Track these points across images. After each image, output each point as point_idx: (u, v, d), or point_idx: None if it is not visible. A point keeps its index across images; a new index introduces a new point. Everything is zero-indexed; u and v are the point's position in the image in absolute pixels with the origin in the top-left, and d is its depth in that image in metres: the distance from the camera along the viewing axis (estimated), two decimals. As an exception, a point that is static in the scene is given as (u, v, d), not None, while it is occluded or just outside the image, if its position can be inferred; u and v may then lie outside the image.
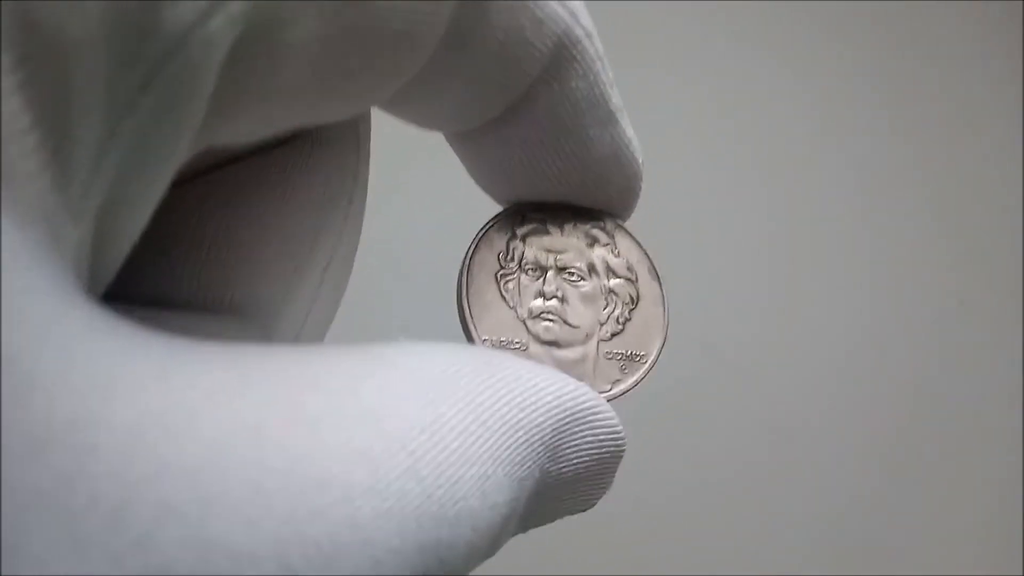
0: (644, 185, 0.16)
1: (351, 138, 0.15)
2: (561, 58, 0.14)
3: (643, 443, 0.50)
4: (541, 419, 0.13)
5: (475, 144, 0.15)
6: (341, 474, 0.10)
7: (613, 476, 0.15)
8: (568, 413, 0.13)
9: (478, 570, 0.13)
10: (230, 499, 0.09)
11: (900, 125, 0.60)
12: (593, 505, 0.15)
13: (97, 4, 0.09)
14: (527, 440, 0.12)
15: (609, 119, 0.15)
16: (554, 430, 0.13)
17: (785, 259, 0.56)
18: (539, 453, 0.13)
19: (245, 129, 0.12)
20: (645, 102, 0.55)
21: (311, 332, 0.15)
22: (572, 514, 0.15)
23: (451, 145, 0.16)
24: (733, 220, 0.56)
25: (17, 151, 0.08)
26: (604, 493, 0.15)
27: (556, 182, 0.16)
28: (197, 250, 0.14)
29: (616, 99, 0.15)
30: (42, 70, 0.08)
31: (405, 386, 0.11)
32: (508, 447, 0.12)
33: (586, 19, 0.14)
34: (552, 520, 0.15)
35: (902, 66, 0.61)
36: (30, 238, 0.08)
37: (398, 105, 0.14)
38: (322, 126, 0.14)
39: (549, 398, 0.13)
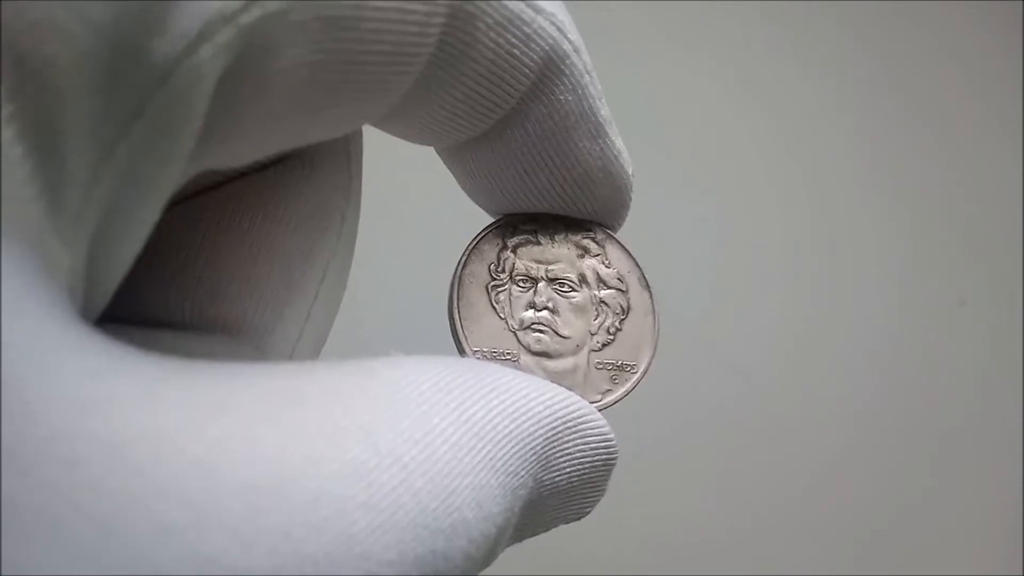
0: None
1: (342, 156, 0.15)
2: (549, 72, 0.14)
3: (671, 468, 0.51)
4: (533, 428, 0.13)
5: (465, 157, 0.15)
6: (335, 489, 0.10)
7: (606, 484, 0.15)
8: (559, 422, 0.13)
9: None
10: (225, 517, 0.09)
11: (900, 126, 0.60)
12: (587, 513, 0.15)
13: (86, 36, 0.09)
14: (519, 450, 0.12)
15: (598, 131, 0.15)
16: (546, 439, 0.13)
17: (783, 259, 0.56)
18: (532, 462, 0.13)
19: (236, 153, 0.12)
20: (661, 111, 0.56)
21: (305, 349, 0.15)
22: (567, 523, 0.15)
23: (441, 158, 0.16)
24: (728, 217, 0.56)
25: (11, 181, 0.08)
26: (597, 501, 0.15)
27: (546, 194, 0.16)
28: (190, 271, 0.14)
29: (605, 111, 0.15)
30: (33, 101, 0.09)
31: (396, 400, 0.11)
32: (501, 457, 0.12)
33: (574, 34, 0.14)
34: (547, 529, 0.15)
35: (901, 67, 0.61)
36: (23, 263, 0.09)
37: (388, 122, 0.14)
38: (312, 148, 0.15)
39: (540, 408, 0.13)
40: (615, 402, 0.16)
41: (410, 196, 0.48)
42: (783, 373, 0.54)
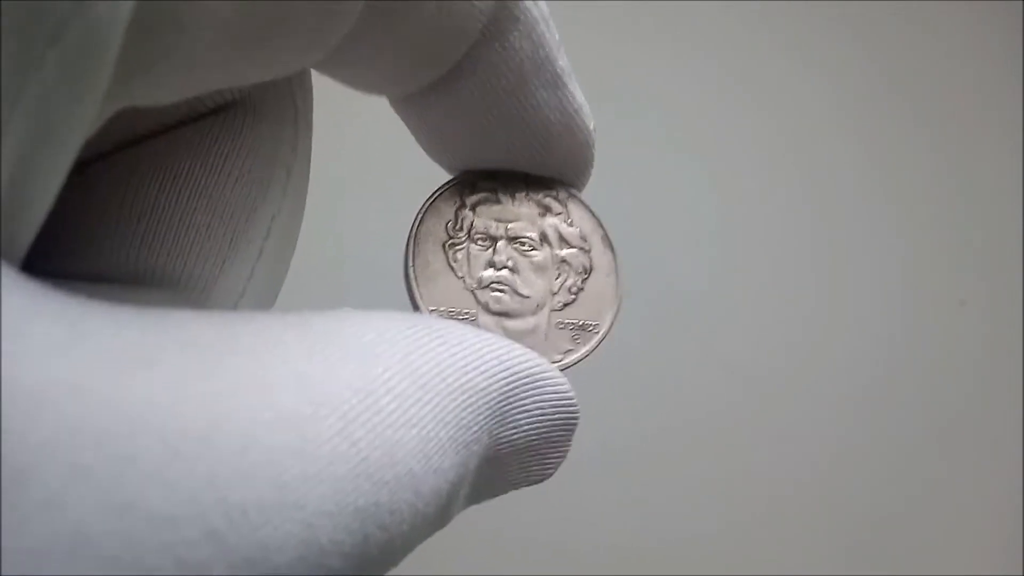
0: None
1: (287, 107, 0.14)
2: (502, 17, 0.14)
3: (670, 468, 0.51)
4: (487, 383, 0.12)
5: (419, 109, 0.15)
6: (265, 437, 0.09)
7: (568, 445, 0.14)
8: (516, 377, 0.13)
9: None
10: (145, 462, 0.08)
11: (900, 126, 0.60)
12: (549, 475, 0.15)
13: None
14: (472, 403, 0.12)
15: (556, 82, 0.15)
16: (501, 394, 0.13)
17: (783, 259, 0.56)
18: (486, 417, 0.12)
19: (162, 89, 0.11)
20: (661, 111, 0.55)
21: (249, 307, 0.14)
22: (528, 485, 0.15)
23: (396, 110, 0.16)
24: (727, 217, 0.56)
25: None
26: (559, 463, 0.15)
27: (503, 148, 0.15)
28: (126, 222, 0.13)
29: (564, 62, 0.15)
30: None
31: (337, 350, 0.11)
32: (451, 410, 0.12)
33: None
34: (506, 491, 0.14)
35: (901, 67, 0.61)
36: None
37: (333, 68, 0.14)
38: (256, 95, 0.14)
39: (495, 362, 0.13)
40: (576, 362, 0.15)
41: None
42: (782, 373, 0.54)
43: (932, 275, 0.57)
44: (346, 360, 0.11)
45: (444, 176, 0.16)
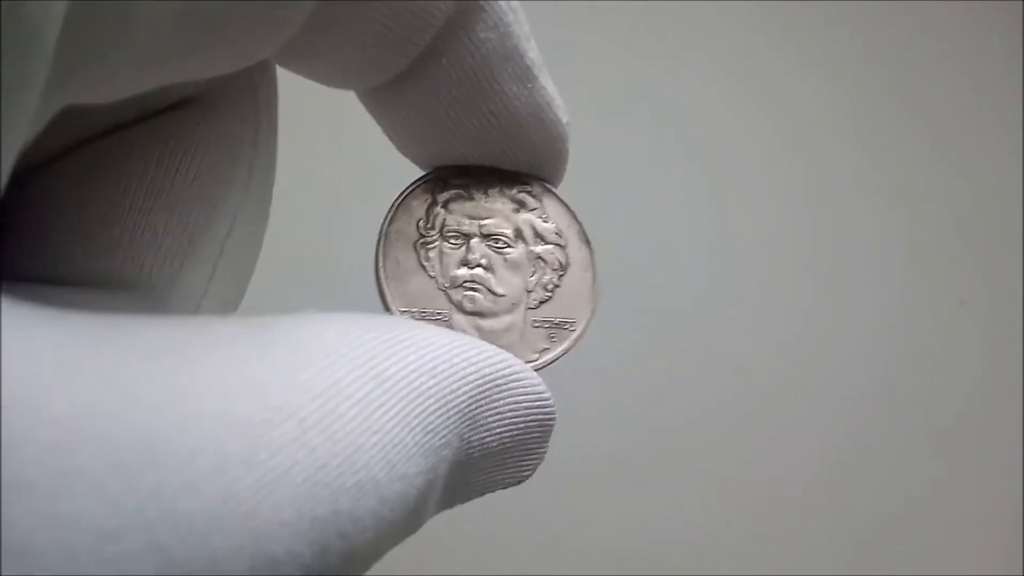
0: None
1: (248, 104, 0.14)
2: (467, 7, 0.13)
3: (670, 467, 0.51)
4: (456, 385, 0.12)
5: (386, 103, 0.15)
6: (214, 445, 0.09)
7: (545, 446, 0.14)
8: (487, 380, 0.13)
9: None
10: (89, 474, 0.08)
11: (900, 126, 0.59)
12: (526, 478, 0.14)
13: None
14: (440, 407, 0.12)
15: (526, 74, 0.14)
16: (471, 397, 0.12)
17: (783, 258, 0.56)
18: (455, 421, 0.12)
19: (111, 85, 0.11)
20: (660, 112, 0.55)
21: (212, 308, 0.14)
22: (504, 487, 0.14)
23: (364, 104, 0.15)
24: (727, 216, 0.56)
25: None
26: (537, 465, 0.14)
27: (474, 143, 0.15)
28: (81, 225, 0.13)
29: (534, 53, 0.14)
30: None
31: (297, 354, 0.10)
32: (418, 415, 0.11)
33: None
34: (482, 493, 0.14)
35: (901, 67, 0.61)
36: None
37: (293, 60, 0.13)
38: (214, 91, 0.14)
39: (464, 364, 0.12)
40: (553, 360, 0.15)
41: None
42: (782, 372, 0.54)
43: (932, 275, 0.57)
44: (306, 364, 0.10)
45: (411, 171, 0.16)
